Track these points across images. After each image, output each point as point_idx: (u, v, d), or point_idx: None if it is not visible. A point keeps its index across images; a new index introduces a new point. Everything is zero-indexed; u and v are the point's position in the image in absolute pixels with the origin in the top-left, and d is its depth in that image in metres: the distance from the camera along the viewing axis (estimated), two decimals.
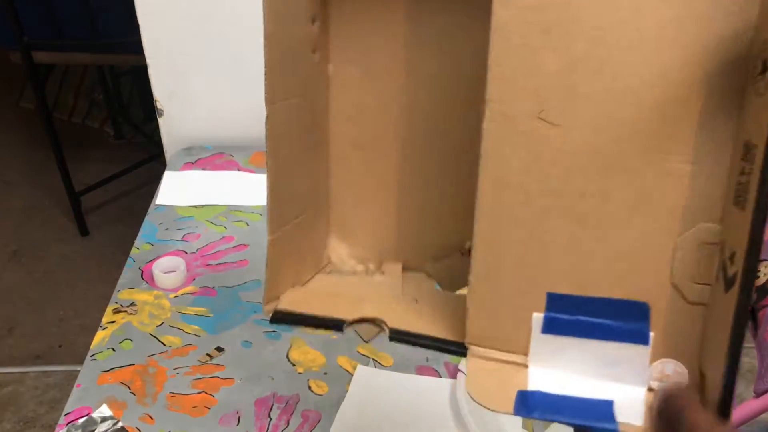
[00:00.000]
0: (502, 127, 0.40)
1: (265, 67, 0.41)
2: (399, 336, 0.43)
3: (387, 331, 0.43)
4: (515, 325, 0.42)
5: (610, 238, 0.40)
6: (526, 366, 0.42)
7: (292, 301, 0.47)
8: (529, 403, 0.40)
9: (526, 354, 0.42)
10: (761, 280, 0.96)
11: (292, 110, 0.45)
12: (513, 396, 0.40)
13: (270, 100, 0.42)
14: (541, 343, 0.41)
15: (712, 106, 0.38)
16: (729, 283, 0.36)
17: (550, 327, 0.41)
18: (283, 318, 0.45)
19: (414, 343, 0.43)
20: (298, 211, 0.48)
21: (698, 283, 0.39)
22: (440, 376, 0.76)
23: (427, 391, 0.74)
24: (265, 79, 0.41)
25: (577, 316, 0.40)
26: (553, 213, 0.40)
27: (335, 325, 0.44)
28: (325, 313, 0.45)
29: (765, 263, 0.97)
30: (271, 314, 0.45)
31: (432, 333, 0.44)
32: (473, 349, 0.43)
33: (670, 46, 0.38)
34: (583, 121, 0.39)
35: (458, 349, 0.43)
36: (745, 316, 0.35)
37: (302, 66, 0.46)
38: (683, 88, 0.38)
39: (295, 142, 0.47)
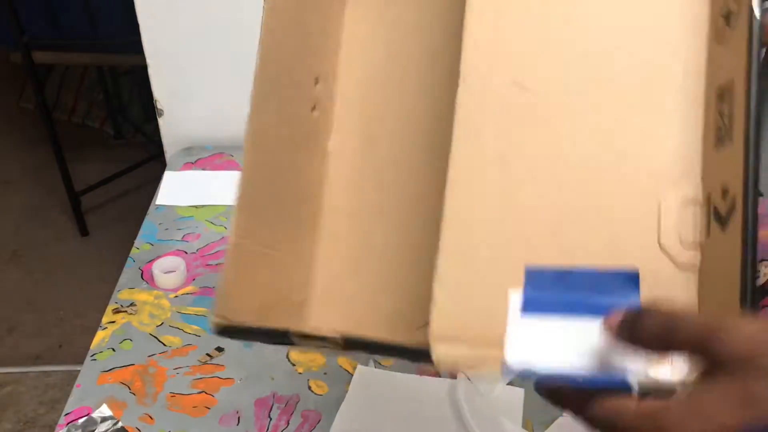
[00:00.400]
0: (477, 95, 0.39)
1: (256, 69, 0.40)
2: (354, 343, 0.38)
3: (340, 340, 0.38)
4: (491, 310, 0.37)
5: (591, 202, 0.38)
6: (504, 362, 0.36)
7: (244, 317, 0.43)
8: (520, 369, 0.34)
9: (502, 347, 0.36)
10: (761, 280, 0.96)
11: (280, 131, 0.44)
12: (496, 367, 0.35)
13: (255, 103, 0.41)
14: (519, 328, 0.36)
15: (681, 66, 0.38)
16: (725, 221, 0.35)
17: (530, 307, 0.36)
18: (228, 331, 0.42)
19: (369, 350, 0.39)
20: (272, 240, 0.45)
21: (686, 246, 0.37)
22: (440, 376, 0.76)
23: (427, 391, 0.74)
24: (254, 82, 0.41)
25: (559, 293, 0.36)
26: (530, 179, 0.38)
27: (280, 336, 0.40)
28: (272, 324, 0.41)
29: (765, 263, 0.97)
30: (216, 327, 0.42)
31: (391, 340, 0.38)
32: (439, 348, 0.37)
33: (643, 8, 0.38)
34: (560, 85, 0.39)
35: (417, 357, 0.37)
36: (753, 246, 0.34)
37: (295, 112, 0.46)
38: (655, 49, 0.38)
39: (274, 166, 0.45)
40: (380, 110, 0.49)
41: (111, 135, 2.55)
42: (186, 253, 0.95)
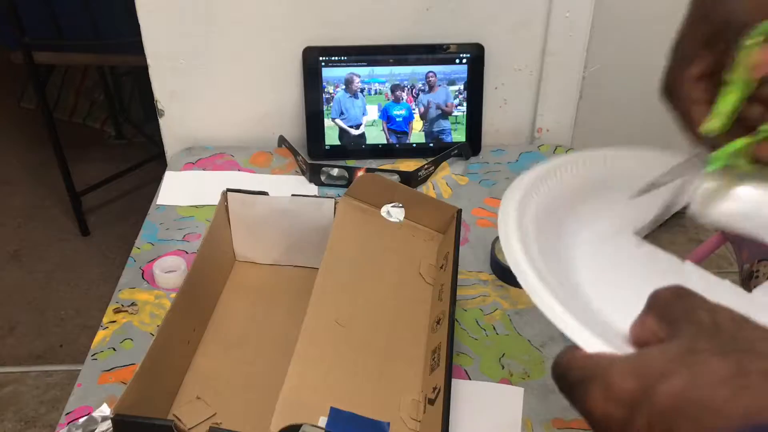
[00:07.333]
0: (315, 326, 0.66)
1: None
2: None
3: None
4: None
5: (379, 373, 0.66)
6: None
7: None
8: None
9: None
10: (761, 280, 0.96)
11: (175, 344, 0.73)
12: None
13: None
14: None
15: (420, 338, 0.71)
16: (433, 402, 0.63)
17: (329, 427, 0.58)
18: (120, 422, 0.60)
19: None
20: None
21: (413, 419, 0.63)
22: None
23: None
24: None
25: (344, 425, 0.59)
26: (344, 366, 0.65)
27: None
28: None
29: (765, 263, 0.97)
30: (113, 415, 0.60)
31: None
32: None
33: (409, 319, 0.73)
34: (360, 324, 0.69)
35: None
36: (447, 413, 0.61)
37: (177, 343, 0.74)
38: (411, 329, 0.72)
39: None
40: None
41: (112, 135, 2.55)
42: (186, 252, 0.95)
